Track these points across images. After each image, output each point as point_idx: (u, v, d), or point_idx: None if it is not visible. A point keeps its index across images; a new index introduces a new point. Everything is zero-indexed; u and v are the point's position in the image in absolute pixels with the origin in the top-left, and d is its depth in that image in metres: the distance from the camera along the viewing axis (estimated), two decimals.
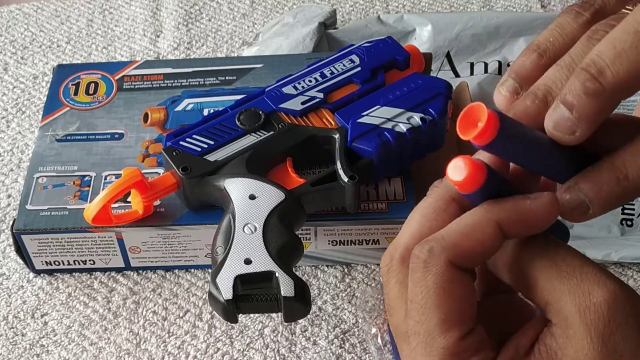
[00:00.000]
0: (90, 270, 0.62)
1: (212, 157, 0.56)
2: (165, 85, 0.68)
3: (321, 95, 0.60)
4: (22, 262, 0.61)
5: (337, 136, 0.57)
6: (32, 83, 0.79)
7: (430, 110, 0.57)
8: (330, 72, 0.61)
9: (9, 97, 0.78)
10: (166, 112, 0.66)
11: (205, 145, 0.57)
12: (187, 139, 0.57)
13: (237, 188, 0.53)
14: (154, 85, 0.68)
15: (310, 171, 0.60)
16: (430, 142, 0.59)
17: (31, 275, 0.62)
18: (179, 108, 0.66)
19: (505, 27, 0.80)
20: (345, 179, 0.54)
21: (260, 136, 0.57)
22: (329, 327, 0.58)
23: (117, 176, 0.60)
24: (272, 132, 0.58)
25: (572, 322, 0.33)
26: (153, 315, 0.59)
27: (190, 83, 0.68)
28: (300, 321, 0.58)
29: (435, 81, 0.60)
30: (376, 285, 0.61)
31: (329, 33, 0.80)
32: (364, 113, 0.58)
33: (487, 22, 0.80)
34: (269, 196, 0.53)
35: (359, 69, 0.61)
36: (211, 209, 0.57)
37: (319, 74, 0.61)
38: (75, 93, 0.68)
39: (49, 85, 0.70)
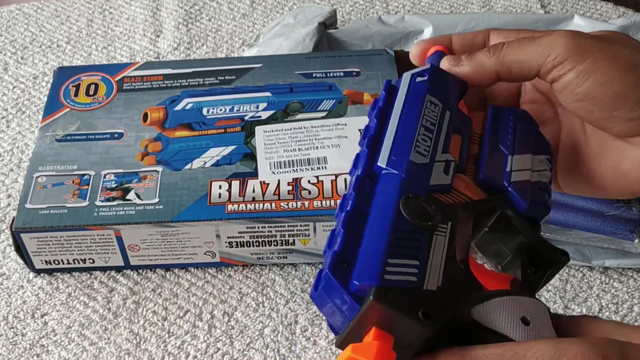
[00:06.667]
0: (89, 269, 0.62)
1: (430, 284, 0.35)
2: (165, 85, 0.68)
3: (449, 156, 0.41)
4: (22, 262, 0.61)
5: (502, 206, 0.41)
6: (32, 83, 0.79)
7: (539, 147, 0.45)
8: (430, 123, 0.42)
9: (9, 97, 0.78)
10: (165, 112, 0.66)
11: (416, 270, 0.35)
12: (390, 268, 0.34)
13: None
14: (154, 86, 0.68)
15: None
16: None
17: (31, 275, 0.62)
18: (178, 107, 0.66)
19: (506, 28, 0.80)
20: (561, 258, 0.40)
21: (444, 230, 0.38)
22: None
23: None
24: (449, 222, 0.38)
25: None
26: (153, 315, 0.59)
27: (190, 83, 0.68)
28: (300, 321, 0.58)
29: (513, 112, 0.46)
30: None
31: (329, 33, 0.80)
32: (507, 169, 0.43)
33: (488, 24, 0.80)
34: None
35: (448, 112, 0.43)
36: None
37: (422, 128, 0.42)
38: (76, 94, 0.68)
39: (49, 85, 0.70)
